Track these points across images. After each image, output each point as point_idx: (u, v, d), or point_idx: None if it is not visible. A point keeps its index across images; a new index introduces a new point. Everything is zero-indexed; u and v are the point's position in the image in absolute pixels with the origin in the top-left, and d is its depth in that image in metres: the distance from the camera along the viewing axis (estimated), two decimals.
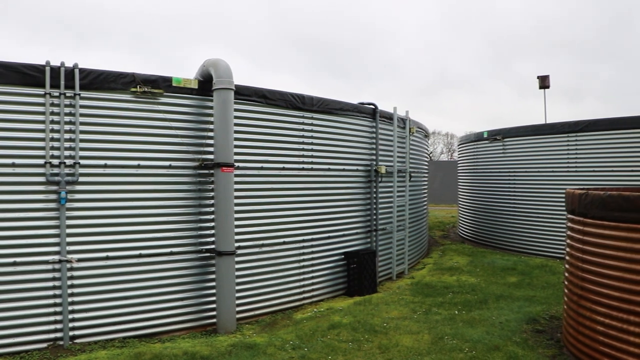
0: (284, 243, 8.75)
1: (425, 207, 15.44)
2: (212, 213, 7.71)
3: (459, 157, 20.61)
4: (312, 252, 9.25)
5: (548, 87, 20.01)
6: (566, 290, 6.73)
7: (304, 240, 9.09)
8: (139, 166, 7.16)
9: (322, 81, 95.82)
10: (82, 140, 6.81)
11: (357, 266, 9.79)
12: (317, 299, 9.32)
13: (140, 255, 7.16)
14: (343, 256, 9.87)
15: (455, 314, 8.28)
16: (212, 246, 7.68)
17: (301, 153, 9.03)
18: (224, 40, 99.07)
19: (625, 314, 5.52)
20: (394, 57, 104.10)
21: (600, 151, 13.31)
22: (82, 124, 6.81)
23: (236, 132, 7.85)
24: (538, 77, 20.04)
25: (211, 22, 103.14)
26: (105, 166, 6.96)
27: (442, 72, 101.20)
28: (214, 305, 7.70)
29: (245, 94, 8.11)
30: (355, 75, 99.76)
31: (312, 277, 9.24)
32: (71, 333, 6.68)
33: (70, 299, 6.67)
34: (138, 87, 7.09)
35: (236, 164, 7.87)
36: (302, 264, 9.05)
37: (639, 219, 5.43)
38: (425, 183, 15.50)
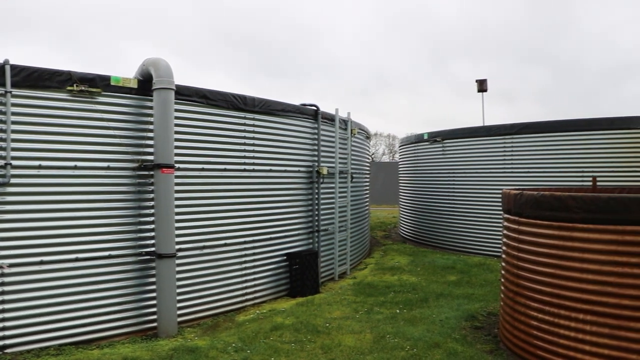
0: (226, 245, 8.67)
1: (367, 207, 15.59)
2: (152, 215, 7.56)
3: (399, 159, 20.91)
4: (254, 254, 9.20)
5: (486, 90, 20.57)
6: (502, 288, 6.93)
7: (245, 242, 9.04)
8: (75, 167, 6.95)
9: (259, 81, 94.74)
10: (14, 140, 6.53)
11: (300, 267, 9.80)
12: (259, 300, 9.28)
13: (77, 259, 6.95)
14: (285, 257, 9.86)
15: (397, 313, 8.40)
16: (153, 249, 7.53)
17: (243, 154, 8.97)
18: (154, 37, 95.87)
19: (556, 309, 5.74)
20: (331, 57, 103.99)
21: (534, 153, 13.77)
22: (14, 122, 6.53)
23: (177, 132, 7.73)
24: (476, 81, 20.57)
25: (140, 17, 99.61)
26: (40, 167, 6.71)
27: (381, 73, 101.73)
28: (154, 309, 7.54)
29: (185, 94, 8.00)
30: (292, 75, 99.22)
31: (255, 279, 9.19)
32: (1, 342, 6.40)
33: (0, 307, 6.40)
34: (75, 85, 6.88)
35: (177, 165, 7.75)
36: (244, 265, 8.99)
37: (569, 217, 5.65)
38: (367, 184, 15.66)
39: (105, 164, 7.19)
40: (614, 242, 5.35)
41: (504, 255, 6.95)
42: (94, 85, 7.07)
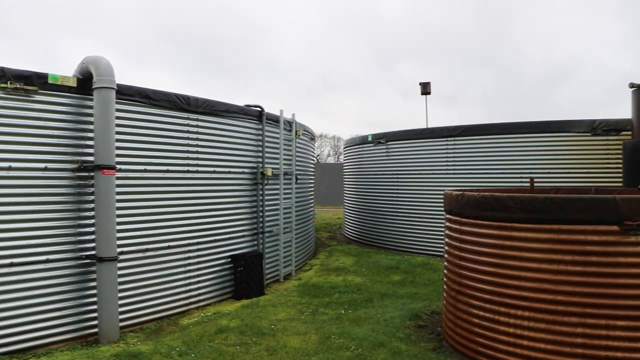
0: (169, 247, 8.53)
1: (311, 208, 15.63)
2: (92, 217, 7.35)
3: (344, 160, 21.05)
4: (199, 256, 9.09)
5: (429, 93, 20.99)
6: (445, 287, 7.08)
7: (189, 244, 8.91)
8: (10, 168, 6.68)
9: (202, 80, 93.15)
10: None
11: (244, 269, 9.74)
12: (204, 303, 9.17)
13: (12, 264, 6.68)
14: (230, 259, 9.78)
15: (342, 314, 8.45)
16: (93, 252, 7.33)
17: (186, 155, 8.84)
18: (91, 32, 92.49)
19: (497, 306, 5.91)
20: (276, 57, 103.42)
21: (476, 155, 14.12)
22: None
23: (118, 133, 7.55)
24: (420, 84, 20.96)
25: (76, 10, 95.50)
26: None
27: (326, 74, 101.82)
28: (95, 314, 7.34)
29: (127, 93, 7.83)
30: (236, 74, 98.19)
31: (199, 281, 9.08)
32: None
33: None
34: (9, 82, 6.61)
35: (118, 167, 7.57)
36: (188, 268, 8.86)
37: (508, 217, 5.83)
38: (312, 185, 15.70)
39: (42, 165, 6.95)
40: (549, 241, 5.55)
41: (446, 255, 7.09)
42: (30, 83, 6.82)
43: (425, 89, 20.92)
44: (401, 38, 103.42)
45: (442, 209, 7.28)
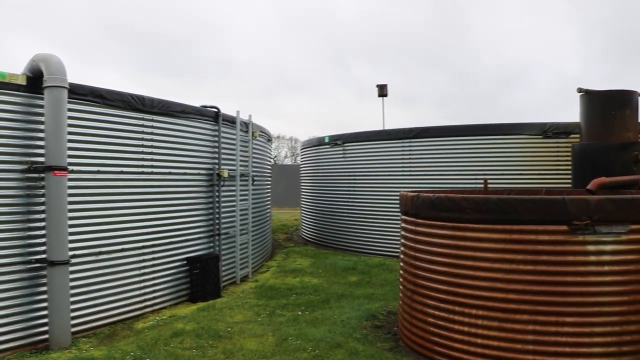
0: (124, 250, 8.37)
1: (268, 210, 15.59)
2: (43, 220, 7.15)
3: (301, 161, 21.07)
4: (154, 259, 8.95)
5: (386, 95, 21.18)
6: (401, 287, 7.15)
7: (144, 247, 8.77)
8: None
9: (154, 80, 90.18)
10: None
11: (200, 271, 9.64)
12: (159, 306, 9.03)
13: None
14: (186, 261, 9.66)
15: (299, 315, 8.45)
16: (44, 256, 7.13)
17: (141, 156, 8.70)
18: (33, 27, 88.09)
19: (451, 305, 6.00)
20: (229, 56, 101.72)
21: (431, 156, 14.32)
22: None
23: (70, 133, 7.37)
24: (377, 86, 21.14)
25: (18, 7, 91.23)
26: None
27: (281, 74, 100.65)
28: (46, 320, 7.13)
29: (80, 93, 7.65)
30: (188, 74, 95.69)
31: (154, 284, 8.94)
32: None
33: None
34: None
35: (70, 168, 7.39)
36: (143, 271, 8.72)
37: (462, 218, 5.93)
38: (269, 186, 15.66)
39: None
40: (502, 240, 5.68)
41: (402, 256, 7.17)
42: None
43: (382, 91, 21.11)
44: (356, 38, 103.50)
45: (398, 210, 7.36)
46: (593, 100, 9.53)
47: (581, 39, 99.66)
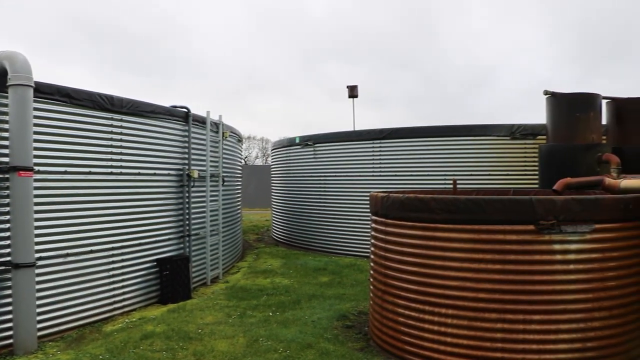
0: (92, 252, 8.25)
1: (239, 211, 15.53)
2: (7, 222, 7.01)
3: (272, 162, 21.03)
4: (123, 260, 8.84)
5: (356, 96, 21.26)
6: (372, 287, 7.20)
7: (113, 248, 8.66)
8: None
9: (121, 79, 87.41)
10: None
11: (170, 272, 9.56)
12: (129, 308, 8.93)
13: None
14: (156, 263, 9.57)
15: (270, 316, 8.44)
16: (8, 258, 6.99)
17: (110, 157, 8.59)
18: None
19: (421, 305, 6.07)
20: (199, 55, 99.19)
21: (401, 157, 14.43)
22: None
23: (36, 133, 7.24)
24: (347, 87, 21.20)
25: None
26: None
27: (252, 73, 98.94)
28: (10, 324, 6.98)
29: (46, 92, 7.52)
30: (157, 73, 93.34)
31: (123, 286, 8.83)
32: None
33: None
34: None
35: (36, 168, 7.26)
36: (112, 272, 8.61)
37: (431, 218, 6.00)
38: (239, 187, 15.60)
39: None
40: (471, 240, 5.76)
41: (372, 256, 7.21)
42: None
43: (353, 92, 21.19)
44: (327, 38, 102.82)
45: (369, 210, 7.40)
46: (559, 102, 9.71)
47: (551, 41, 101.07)
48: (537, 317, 5.57)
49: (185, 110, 10.61)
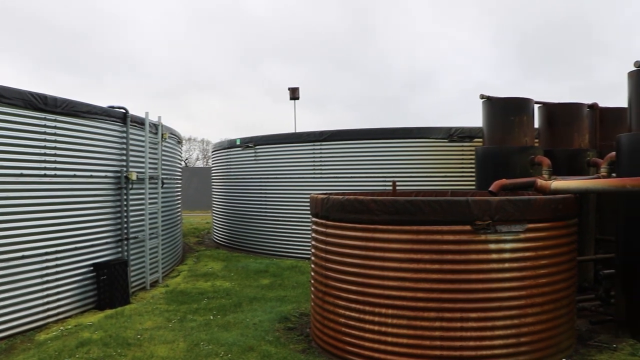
0: (24, 257, 7.95)
1: (179, 213, 15.31)
2: None
3: (212, 164, 20.83)
4: (57, 266, 8.56)
5: (298, 98, 21.32)
6: (313, 288, 7.23)
7: (47, 253, 8.37)
8: None
9: (53, 76, 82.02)
10: None
11: (108, 277, 9.33)
12: (64, 315, 8.64)
13: None
14: (92, 267, 9.32)
15: (211, 319, 8.35)
16: None
17: (43, 158, 8.31)
18: None
19: (362, 305, 6.14)
20: (135, 52, 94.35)
21: (342, 159, 14.54)
22: None
23: None
24: (289, 89, 21.23)
25: None
26: None
27: (190, 72, 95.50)
28: None
29: None
30: (90, 70, 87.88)
31: (58, 293, 8.55)
32: None
33: None
34: None
35: None
36: (45, 279, 8.31)
37: (371, 220, 6.08)
38: (179, 189, 15.38)
39: None
40: (410, 241, 5.87)
41: (313, 257, 7.25)
42: None
43: (294, 94, 21.23)
44: (267, 36, 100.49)
45: (309, 212, 7.43)
46: (494, 106, 10.00)
47: (490, 43, 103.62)
48: (474, 314, 5.73)
49: (123, 111, 10.38)
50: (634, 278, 7.14)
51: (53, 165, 8.50)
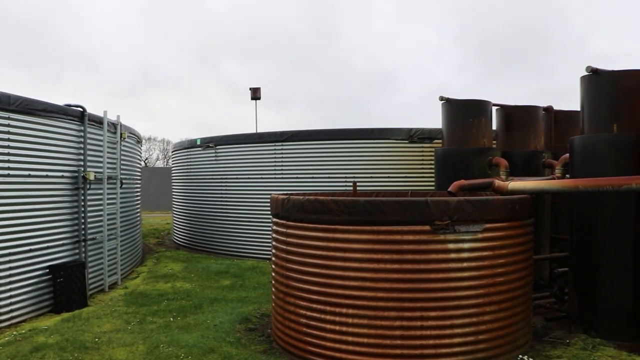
0: None
1: (138, 214, 15.10)
2: None
3: (173, 164, 20.62)
4: (10, 268, 8.34)
5: (259, 98, 21.29)
6: (274, 289, 7.22)
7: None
8: None
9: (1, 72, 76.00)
10: None
11: (65, 280, 9.14)
12: (18, 320, 8.42)
13: None
14: (48, 270, 9.11)
15: (171, 321, 8.27)
16: None
17: None
18: None
19: (323, 305, 6.16)
20: (90, 46, 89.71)
21: (303, 160, 14.56)
22: None
23: None
24: (250, 89, 21.17)
25: None
26: None
27: (148, 69, 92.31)
28: None
29: None
30: (42, 64, 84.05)
31: (11, 297, 8.33)
32: None
33: None
34: None
35: None
36: None
37: (331, 220, 6.11)
38: (139, 190, 15.17)
39: None
40: (370, 241, 5.92)
41: (273, 258, 7.24)
42: None
43: (255, 94, 21.19)
44: (226, 32, 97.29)
45: (270, 212, 7.42)
46: (453, 108, 10.16)
47: (452, 44, 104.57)
48: (433, 313, 5.81)
49: (81, 109, 10.18)
50: (587, 275, 7.36)
51: (6, 165, 8.28)
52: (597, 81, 7.45)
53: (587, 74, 7.51)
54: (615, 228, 7.10)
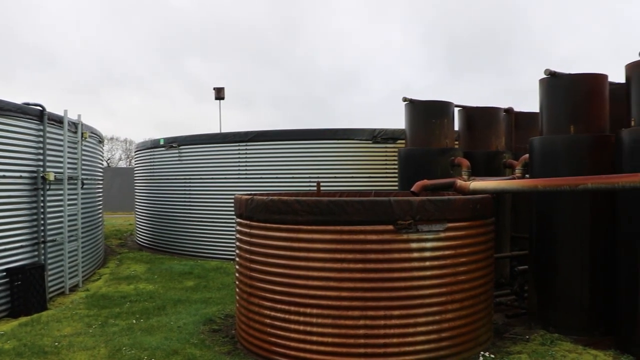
0: None
1: (100, 215, 14.86)
2: None
3: (135, 164, 20.36)
4: None
5: (223, 98, 21.18)
6: (237, 290, 7.20)
7: None
8: None
9: None
10: None
11: (23, 283, 8.93)
12: None
13: None
14: (5, 273, 8.90)
15: (134, 323, 8.17)
16: None
17: None
18: None
19: (287, 305, 6.18)
20: (45, 41, 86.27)
21: (267, 160, 14.54)
22: None
23: None
24: (214, 89, 21.05)
25: None
26: None
27: (107, 66, 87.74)
28: None
29: None
30: None
31: None
32: None
33: None
34: None
35: None
36: None
37: (295, 220, 6.12)
38: (100, 190, 14.93)
39: None
40: (333, 241, 5.95)
41: (237, 259, 7.23)
42: None
43: (219, 94, 21.08)
44: (188, 29, 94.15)
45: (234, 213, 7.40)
46: (416, 109, 10.28)
47: (418, 44, 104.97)
48: (397, 312, 5.87)
49: (40, 108, 9.97)
50: (545, 273, 7.53)
51: None
52: (555, 84, 7.63)
53: (545, 76, 7.69)
54: (572, 227, 7.29)
